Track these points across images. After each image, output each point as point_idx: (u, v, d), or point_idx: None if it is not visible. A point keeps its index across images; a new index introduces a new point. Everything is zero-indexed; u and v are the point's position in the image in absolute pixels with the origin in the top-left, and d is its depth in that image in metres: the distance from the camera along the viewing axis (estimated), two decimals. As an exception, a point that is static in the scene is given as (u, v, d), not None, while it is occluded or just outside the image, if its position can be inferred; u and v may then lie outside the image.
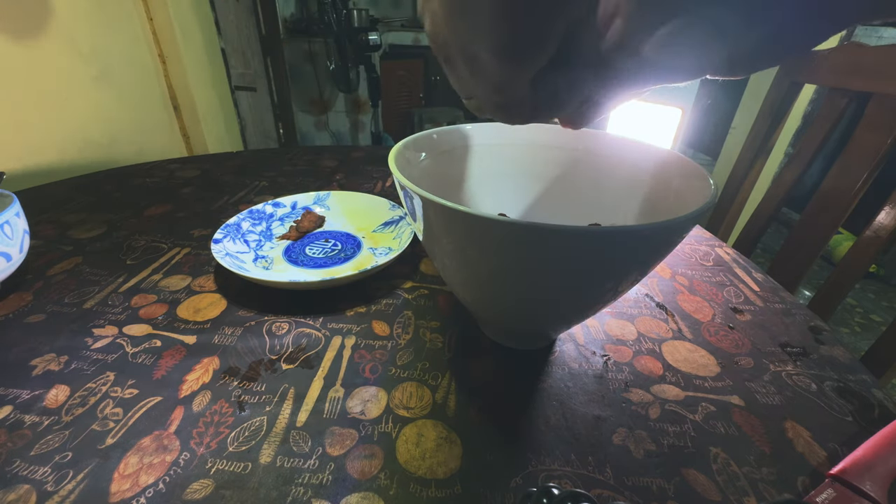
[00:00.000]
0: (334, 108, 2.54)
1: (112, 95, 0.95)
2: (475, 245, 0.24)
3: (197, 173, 0.68)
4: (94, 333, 0.35)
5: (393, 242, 0.46)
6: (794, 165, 0.64)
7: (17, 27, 0.75)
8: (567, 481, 0.25)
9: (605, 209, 0.37)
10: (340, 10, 2.06)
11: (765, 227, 0.67)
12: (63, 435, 0.27)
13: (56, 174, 0.82)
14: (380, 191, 0.64)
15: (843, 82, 0.58)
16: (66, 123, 0.86)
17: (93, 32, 0.90)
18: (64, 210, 0.55)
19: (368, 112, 2.51)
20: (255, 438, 0.27)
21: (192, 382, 0.31)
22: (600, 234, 0.21)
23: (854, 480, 0.24)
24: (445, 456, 0.26)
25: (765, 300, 0.42)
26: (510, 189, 0.41)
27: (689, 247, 0.52)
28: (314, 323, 0.37)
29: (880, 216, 0.50)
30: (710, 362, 0.34)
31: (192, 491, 0.24)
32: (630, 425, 0.29)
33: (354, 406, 0.29)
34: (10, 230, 0.37)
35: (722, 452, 0.27)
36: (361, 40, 2.11)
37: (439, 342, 0.35)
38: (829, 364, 0.35)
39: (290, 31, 2.23)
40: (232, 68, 1.45)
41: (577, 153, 0.39)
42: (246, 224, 0.47)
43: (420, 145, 0.35)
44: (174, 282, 0.42)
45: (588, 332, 0.37)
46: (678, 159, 0.32)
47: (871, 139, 0.53)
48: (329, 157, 0.77)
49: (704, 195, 0.26)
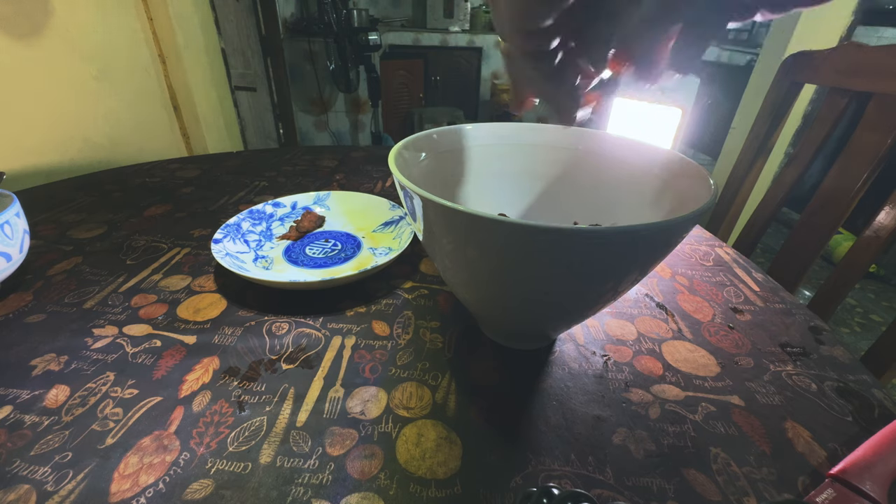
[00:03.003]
0: (334, 108, 2.54)
1: (112, 95, 0.95)
2: (475, 245, 0.24)
3: (197, 173, 0.68)
4: (94, 333, 0.35)
5: (393, 242, 0.46)
6: (794, 165, 0.64)
7: (17, 27, 0.75)
8: (567, 481, 0.25)
9: (605, 209, 0.37)
10: (340, 10, 2.06)
11: (765, 227, 0.67)
12: (63, 435, 0.27)
13: (56, 174, 0.82)
14: (380, 191, 0.64)
15: (843, 82, 0.58)
16: (66, 123, 0.85)
17: (93, 32, 0.90)
18: (64, 210, 0.55)
19: (368, 112, 2.52)
20: (255, 438, 0.27)
21: (192, 382, 0.31)
22: (600, 234, 0.21)
23: (854, 480, 0.24)
24: (445, 456, 0.26)
25: (765, 300, 0.42)
26: (510, 189, 0.41)
27: (689, 247, 0.52)
28: (314, 323, 0.37)
29: (880, 216, 0.50)
30: (710, 362, 0.34)
31: (192, 491, 0.24)
32: (630, 425, 0.29)
33: (354, 406, 0.29)
34: (10, 230, 0.37)
35: (722, 452, 0.27)
36: (361, 40, 2.11)
37: (439, 342, 0.35)
38: (829, 364, 0.35)
39: (290, 31, 2.23)
40: (232, 68, 1.45)
41: (577, 153, 0.39)
42: (246, 224, 0.47)
43: (420, 145, 0.35)
44: (174, 282, 0.42)
45: (588, 332, 0.37)
46: (678, 159, 0.32)
47: (871, 139, 0.53)
48: (329, 157, 0.77)
49: (704, 195, 0.26)
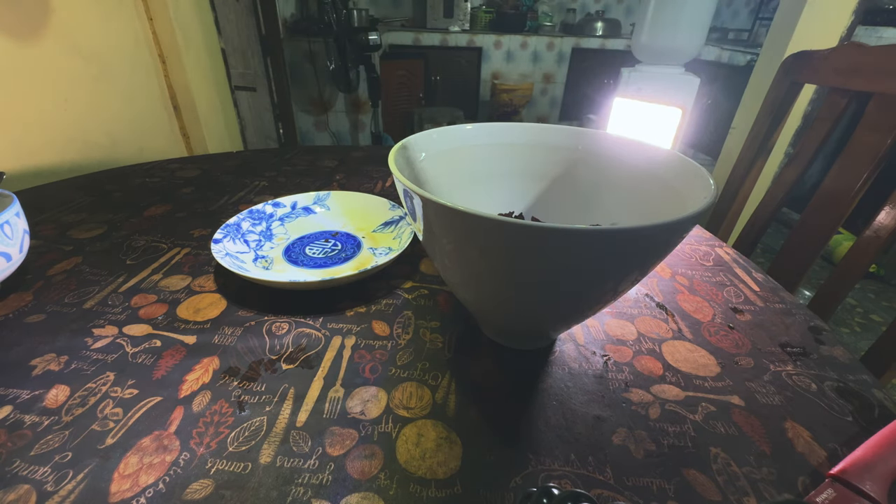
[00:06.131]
0: (334, 108, 2.54)
1: (112, 95, 0.95)
2: (475, 245, 0.24)
3: (197, 173, 0.68)
4: (94, 333, 0.35)
5: (393, 242, 0.46)
6: (794, 165, 0.64)
7: (17, 27, 0.75)
8: (567, 481, 0.25)
9: (605, 209, 0.37)
10: (340, 10, 2.06)
11: (765, 227, 0.67)
12: (63, 435, 0.27)
13: (56, 174, 0.82)
14: (380, 191, 0.64)
15: (843, 82, 0.58)
16: (67, 123, 0.85)
17: (93, 32, 0.90)
18: (64, 210, 0.55)
19: (368, 112, 2.51)
20: (255, 438, 0.27)
21: (192, 382, 0.31)
22: (600, 234, 0.21)
23: (854, 480, 0.24)
24: (445, 456, 0.26)
25: (765, 300, 0.42)
26: (510, 189, 0.41)
27: (689, 247, 0.52)
28: (314, 323, 0.37)
29: (880, 216, 0.50)
30: (710, 362, 0.34)
31: (192, 491, 0.24)
32: (630, 425, 0.29)
33: (354, 406, 0.29)
34: (10, 230, 0.37)
35: (722, 452, 0.27)
36: (361, 40, 2.11)
37: (439, 342, 0.35)
38: (829, 364, 0.35)
39: (290, 31, 2.23)
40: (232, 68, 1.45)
41: (577, 153, 0.39)
42: (246, 224, 0.47)
43: (420, 145, 0.35)
44: (174, 282, 0.42)
45: (588, 332, 0.37)
46: (678, 159, 0.32)
47: (871, 139, 0.53)
48: (329, 157, 0.77)
49: (704, 195, 0.26)
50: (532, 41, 2.69)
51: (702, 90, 1.40)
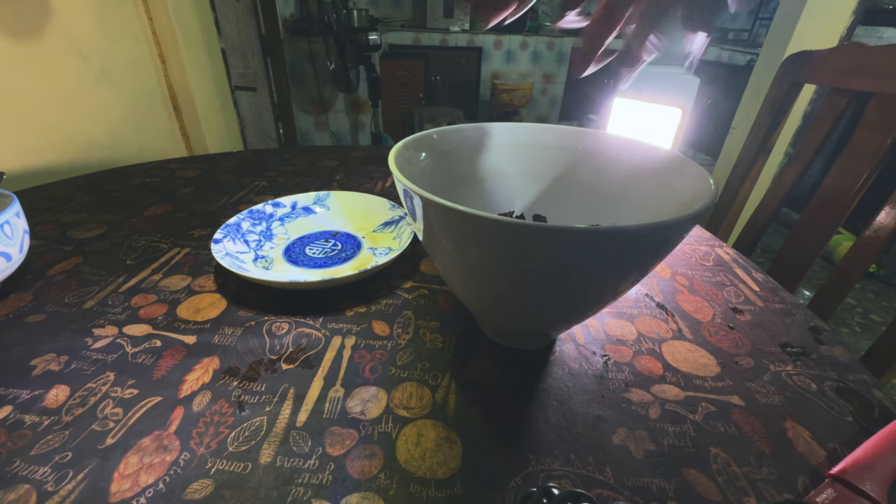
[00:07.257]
0: (334, 108, 2.54)
1: (112, 95, 0.95)
2: (475, 245, 0.24)
3: (197, 173, 0.68)
4: (94, 333, 0.35)
5: (393, 242, 0.46)
6: (795, 165, 0.64)
7: (17, 27, 0.75)
8: (567, 481, 0.25)
9: (605, 209, 0.37)
10: (340, 10, 2.06)
11: (765, 227, 0.67)
12: (63, 435, 0.27)
13: (56, 174, 0.82)
14: (380, 191, 0.64)
15: (843, 82, 0.58)
16: (67, 123, 0.85)
17: (93, 32, 0.90)
18: (64, 210, 0.55)
19: (368, 112, 2.52)
20: (255, 438, 0.27)
21: (192, 382, 0.31)
22: (600, 234, 0.21)
23: (854, 480, 0.24)
24: (445, 456, 0.26)
25: (765, 300, 0.42)
26: (510, 189, 0.41)
27: (689, 247, 0.52)
28: (314, 323, 0.37)
29: (880, 216, 0.50)
30: (710, 362, 0.34)
31: (192, 491, 0.24)
32: (630, 425, 0.29)
33: (354, 406, 0.29)
34: (10, 230, 0.37)
35: (722, 452, 0.27)
36: (361, 40, 2.11)
37: (439, 342, 0.35)
38: (829, 364, 0.35)
39: (290, 31, 2.23)
40: (232, 68, 1.45)
41: (577, 153, 0.39)
42: (246, 224, 0.47)
43: (420, 145, 0.35)
44: (174, 282, 0.42)
45: (588, 332, 0.37)
46: (678, 159, 0.32)
47: (871, 139, 0.53)
48: (329, 157, 0.77)
49: (704, 195, 0.26)
50: (532, 41, 2.69)
51: (702, 90, 1.40)
